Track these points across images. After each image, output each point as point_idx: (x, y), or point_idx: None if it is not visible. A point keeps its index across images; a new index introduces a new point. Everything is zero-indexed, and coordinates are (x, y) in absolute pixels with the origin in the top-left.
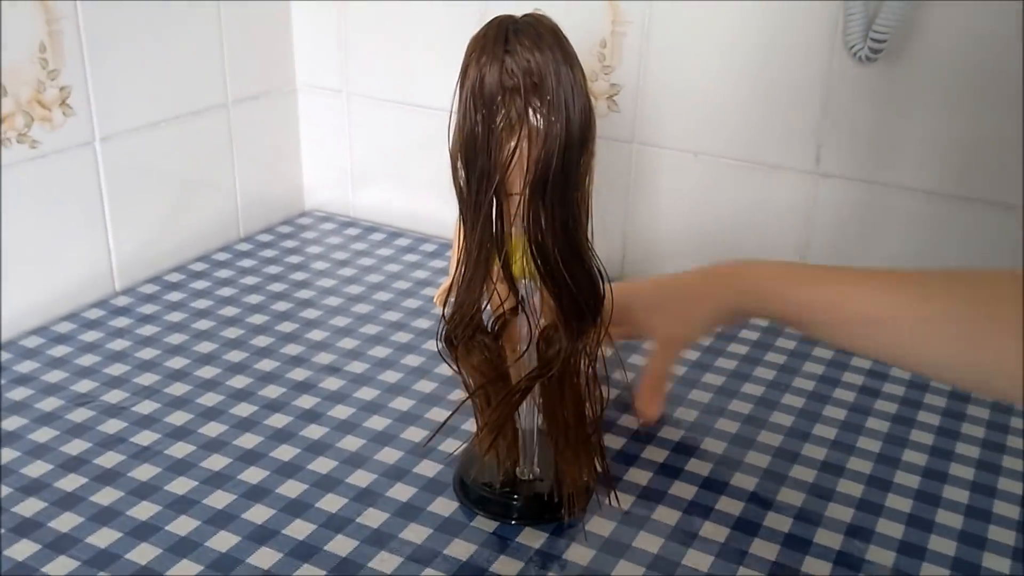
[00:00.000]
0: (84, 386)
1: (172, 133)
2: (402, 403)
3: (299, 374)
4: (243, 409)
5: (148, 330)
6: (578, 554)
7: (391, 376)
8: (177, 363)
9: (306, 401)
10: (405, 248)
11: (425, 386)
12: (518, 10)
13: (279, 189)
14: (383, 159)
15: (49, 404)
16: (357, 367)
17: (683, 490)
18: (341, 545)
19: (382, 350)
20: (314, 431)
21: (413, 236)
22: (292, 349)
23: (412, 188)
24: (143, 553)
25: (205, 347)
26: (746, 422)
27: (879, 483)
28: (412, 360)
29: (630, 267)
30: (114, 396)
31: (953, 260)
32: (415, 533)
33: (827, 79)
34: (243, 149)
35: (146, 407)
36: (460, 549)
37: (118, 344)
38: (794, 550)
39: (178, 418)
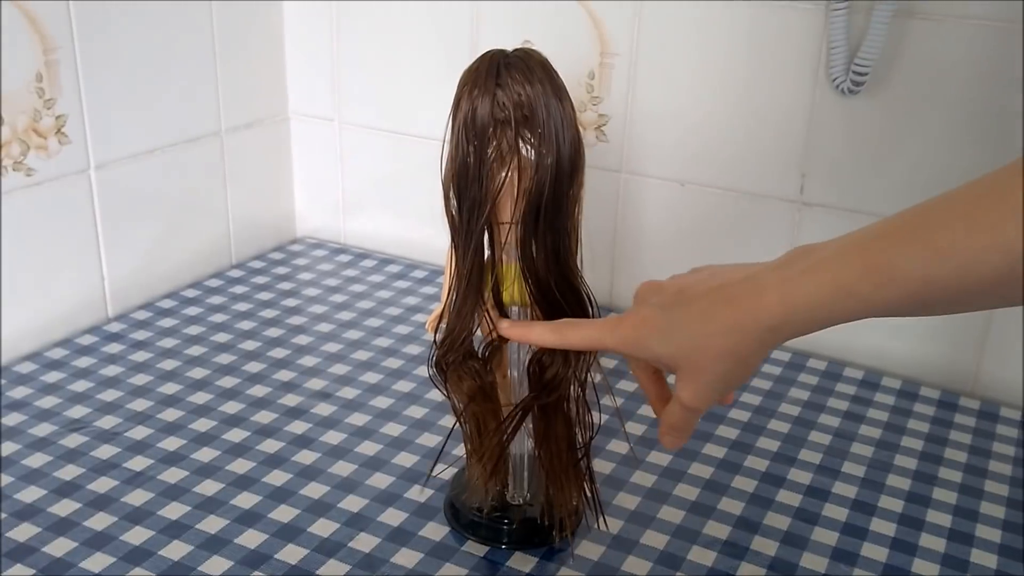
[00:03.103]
0: (77, 412)
1: (166, 160)
2: (393, 428)
3: (291, 399)
4: (236, 435)
5: (141, 356)
6: None
7: (382, 402)
8: (170, 389)
9: (298, 427)
10: (396, 275)
11: (416, 412)
12: (509, 43)
13: (271, 216)
14: (374, 187)
15: (42, 430)
16: (349, 393)
17: (671, 514)
18: (333, 570)
19: (373, 376)
20: (306, 456)
21: (404, 263)
22: (284, 375)
23: (403, 216)
24: None
25: (198, 373)
26: (733, 447)
27: (864, 507)
28: (403, 386)
29: (618, 295)
30: (107, 422)
31: None
32: (406, 558)
33: (811, 110)
34: (236, 176)
35: (139, 432)
36: (451, 573)
37: (111, 370)
38: (781, 573)
39: (171, 443)
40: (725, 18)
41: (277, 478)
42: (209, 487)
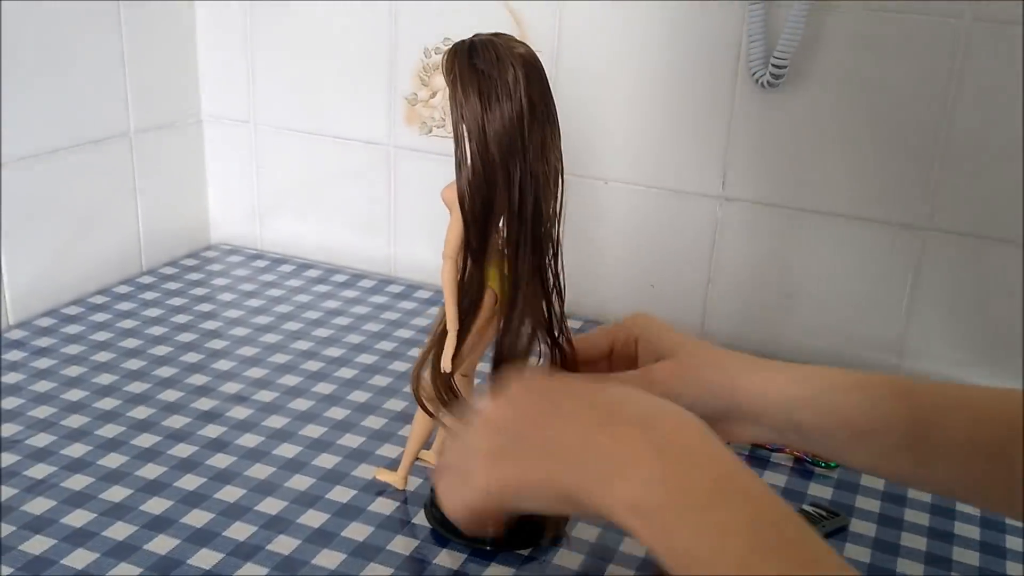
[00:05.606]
0: None
1: (72, 162)
2: (313, 430)
3: (204, 403)
4: (145, 440)
5: (43, 363)
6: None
7: (301, 404)
8: (74, 395)
9: (212, 431)
10: (315, 279)
11: (337, 413)
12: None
13: (184, 222)
14: (291, 190)
15: None
16: (266, 396)
17: None
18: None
19: (292, 378)
20: (221, 460)
21: (324, 268)
22: (197, 379)
23: (321, 219)
24: None
25: (105, 379)
26: None
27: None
28: (323, 388)
29: None
30: (7, 429)
31: (858, 281)
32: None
33: (732, 105)
34: (146, 180)
35: (41, 440)
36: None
37: (11, 377)
38: None
39: (75, 450)
40: (645, 14)
41: (189, 482)
42: (116, 493)
